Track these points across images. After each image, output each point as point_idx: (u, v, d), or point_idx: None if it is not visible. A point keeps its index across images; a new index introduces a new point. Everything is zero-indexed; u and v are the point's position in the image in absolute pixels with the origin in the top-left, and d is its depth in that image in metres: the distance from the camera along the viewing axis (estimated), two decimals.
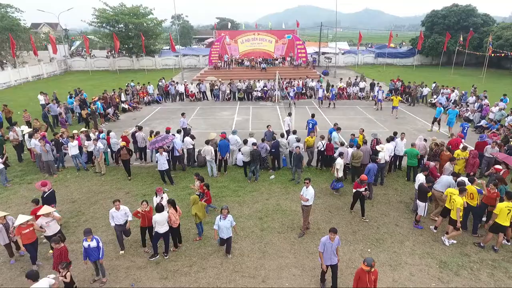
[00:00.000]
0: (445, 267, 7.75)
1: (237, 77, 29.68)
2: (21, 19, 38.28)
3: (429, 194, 8.96)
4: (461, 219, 8.25)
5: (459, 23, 41.03)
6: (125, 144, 12.28)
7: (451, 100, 21.26)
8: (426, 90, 23.63)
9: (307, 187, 8.65)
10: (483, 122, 17.40)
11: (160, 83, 25.42)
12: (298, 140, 12.28)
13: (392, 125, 18.26)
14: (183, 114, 15.90)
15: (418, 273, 7.61)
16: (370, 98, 24.09)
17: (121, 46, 41.45)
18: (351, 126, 17.33)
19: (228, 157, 12.86)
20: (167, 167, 11.62)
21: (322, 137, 12.69)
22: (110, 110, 20.02)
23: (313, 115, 14.98)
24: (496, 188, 8.57)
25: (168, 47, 48.94)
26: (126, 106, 21.91)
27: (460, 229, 8.33)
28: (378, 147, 11.60)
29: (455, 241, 8.55)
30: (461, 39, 36.74)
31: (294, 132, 13.40)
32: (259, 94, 24.97)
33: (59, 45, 43.61)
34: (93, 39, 51.94)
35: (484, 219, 9.06)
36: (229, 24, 70.13)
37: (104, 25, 41.80)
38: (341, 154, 11.29)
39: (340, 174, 11.02)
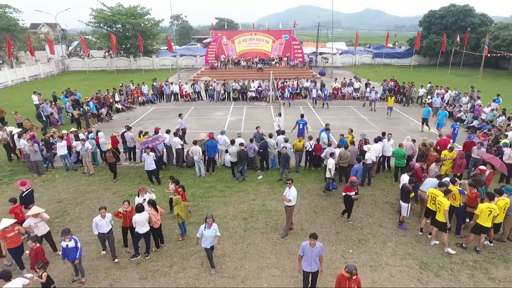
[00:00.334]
0: (425, 268, 7.74)
1: (234, 77, 29.67)
2: (19, 19, 38.52)
3: (412, 194, 8.93)
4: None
5: (456, 23, 40.93)
6: (111, 147, 12.30)
7: (444, 100, 21.21)
8: (422, 91, 23.56)
9: (289, 188, 8.63)
10: (475, 123, 17.35)
11: (154, 83, 25.45)
12: (286, 141, 12.27)
13: (385, 126, 18.21)
14: (180, 115, 15.81)
15: (398, 274, 7.60)
16: (365, 98, 24.02)
17: (118, 46, 41.53)
18: (344, 126, 17.22)
19: (217, 158, 12.87)
20: (155, 167, 11.63)
21: (310, 138, 12.68)
22: (103, 110, 20.05)
23: (302, 115, 14.95)
24: (475, 189, 8.54)
25: (165, 47, 48.94)
26: (120, 106, 21.93)
27: (447, 230, 8.30)
28: (365, 147, 11.59)
29: (438, 242, 8.53)
30: (458, 39, 36.64)
31: (283, 133, 13.39)
32: (254, 95, 24.97)
33: (57, 45, 43.75)
34: (90, 39, 51.96)
35: (467, 220, 9.03)
36: (226, 24, 70.00)
37: (101, 25, 41.91)
38: (332, 154, 11.28)
39: (333, 174, 11.00)
